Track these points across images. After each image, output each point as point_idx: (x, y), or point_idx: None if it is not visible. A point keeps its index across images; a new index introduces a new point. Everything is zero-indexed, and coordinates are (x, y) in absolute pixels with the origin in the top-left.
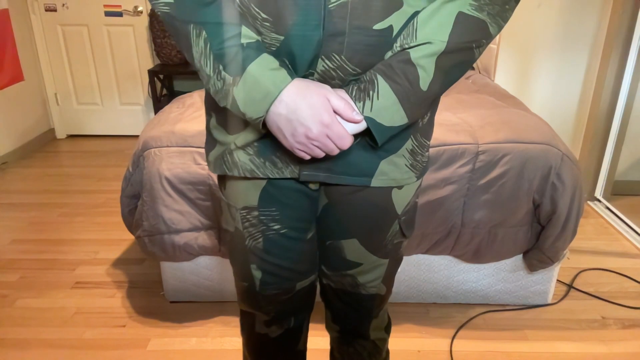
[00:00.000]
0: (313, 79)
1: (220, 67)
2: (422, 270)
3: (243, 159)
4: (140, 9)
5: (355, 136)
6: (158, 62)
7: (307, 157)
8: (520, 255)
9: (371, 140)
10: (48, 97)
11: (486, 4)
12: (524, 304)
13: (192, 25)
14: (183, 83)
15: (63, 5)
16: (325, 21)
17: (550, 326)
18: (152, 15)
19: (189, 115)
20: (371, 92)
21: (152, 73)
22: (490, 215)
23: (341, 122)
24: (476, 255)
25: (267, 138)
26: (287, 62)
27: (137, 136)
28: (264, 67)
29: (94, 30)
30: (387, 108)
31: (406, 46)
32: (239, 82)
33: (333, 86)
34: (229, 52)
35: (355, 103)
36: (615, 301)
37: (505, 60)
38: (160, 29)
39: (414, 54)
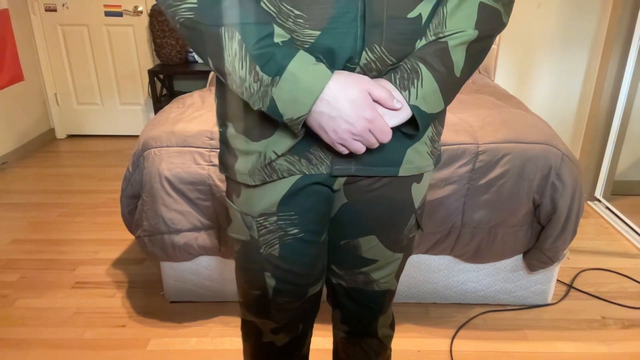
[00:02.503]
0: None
1: (258, 68)
2: (422, 270)
3: (279, 162)
4: (140, 9)
5: None
6: (158, 62)
7: (346, 152)
8: (520, 255)
9: (412, 128)
10: (48, 97)
11: None
12: (524, 304)
13: (223, 28)
14: (183, 83)
15: (63, 5)
16: (366, 13)
17: (550, 326)
18: (152, 15)
19: (189, 115)
20: (416, 81)
21: (152, 73)
22: (490, 215)
23: (385, 112)
24: (476, 255)
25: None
26: (322, 58)
27: (137, 136)
28: (304, 63)
29: (94, 30)
30: (430, 95)
31: (441, 35)
32: (278, 82)
33: (370, 76)
34: (265, 51)
35: (400, 92)
36: (615, 301)
37: (505, 60)
38: (160, 29)
39: (451, 42)
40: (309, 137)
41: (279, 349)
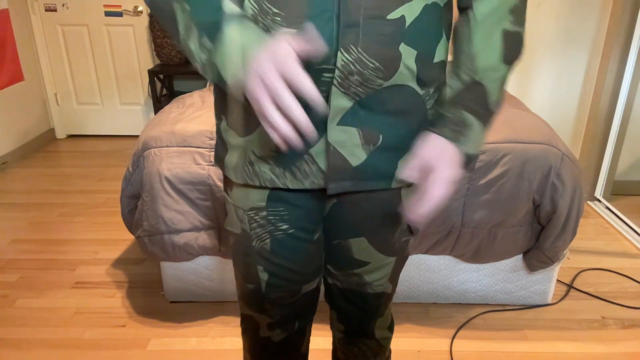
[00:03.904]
0: (334, 76)
1: (204, 37)
2: (421, 270)
3: (264, 169)
4: (140, 9)
5: (375, 141)
6: (158, 62)
7: (277, 138)
8: (520, 255)
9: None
10: (48, 97)
11: (520, 14)
12: (524, 304)
13: (175, 3)
14: (183, 83)
15: (63, 5)
16: (340, 12)
17: (550, 326)
18: (152, 15)
19: (189, 115)
20: (470, 133)
21: (152, 73)
22: (490, 215)
23: (439, 178)
24: (476, 255)
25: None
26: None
27: (137, 136)
28: (243, 26)
29: (94, 30)
30: (480, 140)
31: (475, 76)
32: (219, 47)
33: (354, 83)
34: (210, 20)
35: (456, 145)
36: (615, 301)
37: None
38: (160, 29)
39: (488, 85)
40: (294, 151)
41: (276, 344)
